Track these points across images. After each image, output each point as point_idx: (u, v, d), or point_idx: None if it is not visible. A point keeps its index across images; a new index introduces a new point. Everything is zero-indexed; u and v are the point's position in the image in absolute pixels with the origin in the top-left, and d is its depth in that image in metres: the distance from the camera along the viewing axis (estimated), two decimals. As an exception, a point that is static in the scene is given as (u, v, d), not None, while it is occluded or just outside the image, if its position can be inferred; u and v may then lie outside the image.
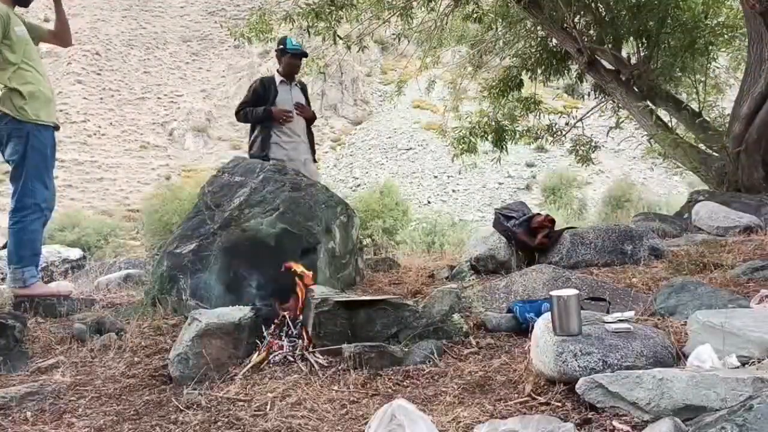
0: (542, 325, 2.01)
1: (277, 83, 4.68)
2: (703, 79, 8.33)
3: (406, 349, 2.40)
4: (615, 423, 1.58)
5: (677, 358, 1.92)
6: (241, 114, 4.66)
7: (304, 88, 4.98)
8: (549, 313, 1.99)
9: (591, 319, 2.09)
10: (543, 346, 1.93)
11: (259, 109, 4.53)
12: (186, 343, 2.36)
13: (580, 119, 9.71)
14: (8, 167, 3.51)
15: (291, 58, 4.73)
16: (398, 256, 5.45)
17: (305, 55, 5.06)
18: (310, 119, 4.82)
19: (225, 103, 50.45)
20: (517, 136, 9.39)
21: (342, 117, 48.93)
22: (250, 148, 4.68)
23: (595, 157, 9.81)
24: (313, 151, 4.90)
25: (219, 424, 1.92)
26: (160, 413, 2.06)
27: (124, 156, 44.32)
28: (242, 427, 1.88)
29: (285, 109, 4.57)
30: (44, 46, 3.81)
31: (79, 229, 27.28)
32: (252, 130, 4.71)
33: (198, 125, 47.31)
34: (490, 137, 9.02)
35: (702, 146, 7.51)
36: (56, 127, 3.49)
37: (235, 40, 8.77)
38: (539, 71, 8.80)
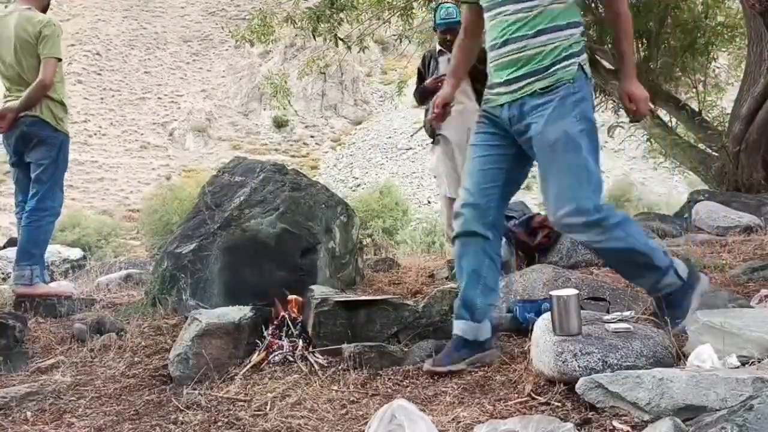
0: (542, 325, 2.01)
1: (436, 54, 4.48)
2: (702, 78, 8.32)
3: (406, 349, 2.40)
4: (615, 423, 1.58)
5: (677, 358, 1.92)
6: (416, 97, 4.57)
7: None
8: (549, 313, 1.99)
9: (591, 319, 2.09)
10: (543, 346, 1.92)
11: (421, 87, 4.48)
12: (186, 343, 2.37)
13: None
14: (8, 167, 3.59)
15: (439, 33, 4.51)
16: (398, 256, 5.45)
17: (450, 29, 4.52)
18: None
19: (225, 103, 50.48)
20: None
21: (342, 117, 48.96)
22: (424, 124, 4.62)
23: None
24: None
25: (219, 424, 1.92)
26: (160, 413, 2.06)
27: (124, 156, 44.33)
28: (242, 427, 1.88)
29: (437, 77, 4.33)
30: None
31: (79, 229, 27.26)
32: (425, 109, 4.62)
33: (198, 125, 47.32)
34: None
35: (702, 146, 7.51)
36: None
37: (236, 42, 8.77)
38: (539, 71, 8.79)
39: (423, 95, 4.52)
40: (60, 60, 3.41)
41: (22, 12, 3.38)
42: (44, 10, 3.52)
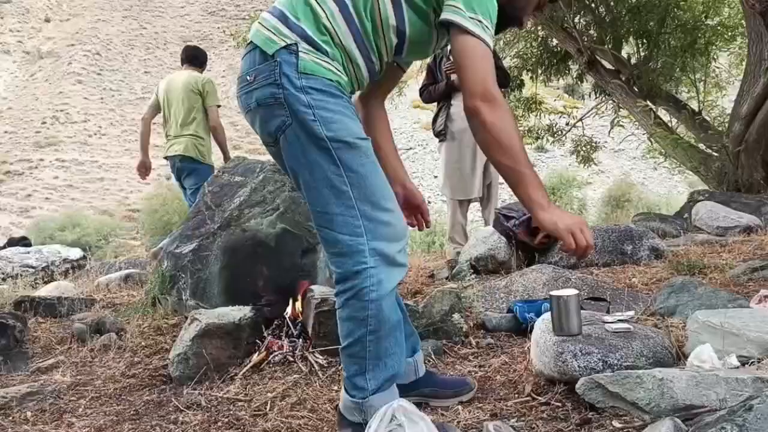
0: (542, 325, 2.01)
1: (448, 53, 4.38)
2: (703, 78, 8.32)
3: (406, 349, 2.40)
4: (615, 423, 1.58)
5: (677, 358, 1.92)
6: (424, 94, 4.60)
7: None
8: (549, 313, 1.99)
9: (591, 319, 2.09)
10: (543, 346, 1.92)
11: (441, 84, 4.47)
12: (186, 343, 2.36)
13: (580, 119, 9.72)
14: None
15: None
16: (398, 256, 5.42)
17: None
18: None
19: (225, 103, 50.41)
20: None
21: (342, 117, 48.89)
22: (434, 123, 4.63)
23: (595, 157, 9.83)
24: None
25: (219, 424, 1.92)
26: (160, 413, 2.06)
27: (124, 156, 44.28)
28: (242, 427, 1.88)
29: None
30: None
31: (79, 229, 27.24)
32: (437, 108, 4.64)
33: (198, 125, 47.29)
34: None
35: (702, 146, 7.51)
36: None
37: (236, 42, 8.78)
38: (540, 71, 8.82)
39: (444, 93, 4.52)
40: (219, 106, 4.90)
41: (190, 73, 4.95)
42: (201, 70, 5.05)
